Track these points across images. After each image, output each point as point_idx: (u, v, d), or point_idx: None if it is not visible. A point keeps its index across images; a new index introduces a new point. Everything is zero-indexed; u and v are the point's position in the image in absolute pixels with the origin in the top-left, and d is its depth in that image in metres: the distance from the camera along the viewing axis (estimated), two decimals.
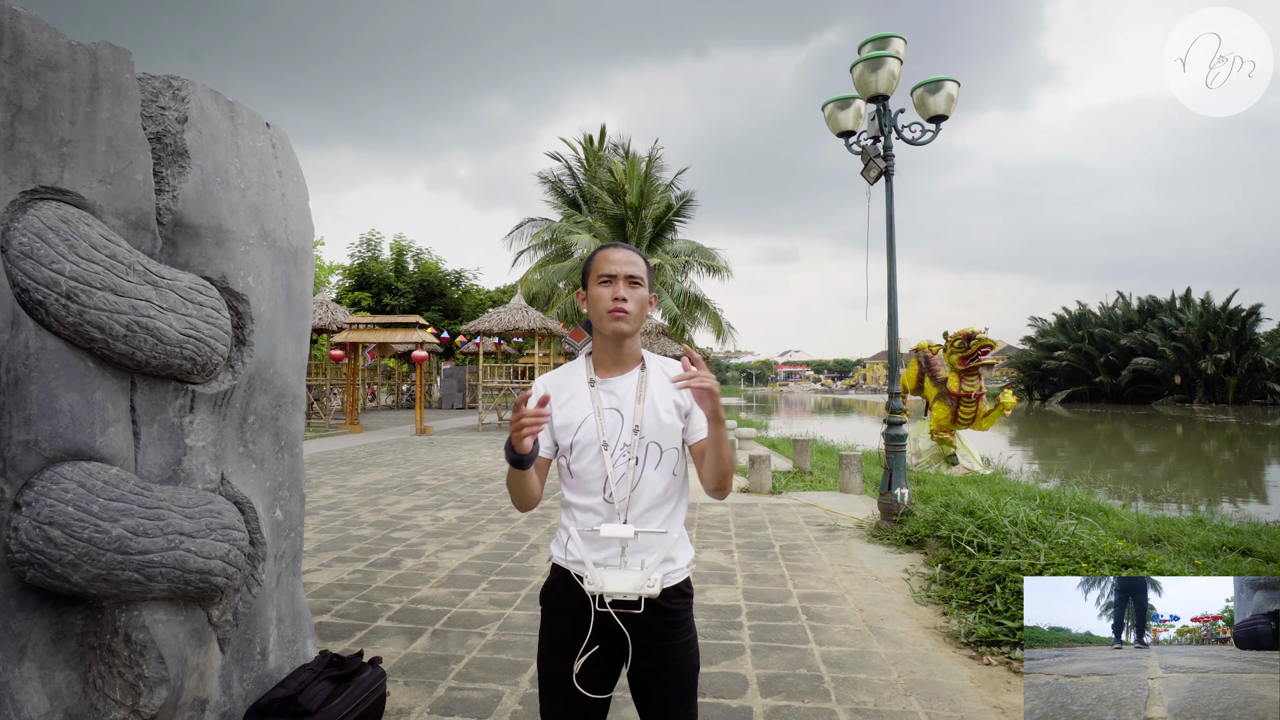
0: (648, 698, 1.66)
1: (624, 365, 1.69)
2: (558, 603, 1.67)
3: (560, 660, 1.63)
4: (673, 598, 1.65)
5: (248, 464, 2.38)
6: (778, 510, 7.33)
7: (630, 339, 1.67)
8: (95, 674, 1.96)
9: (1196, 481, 13.29)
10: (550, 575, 1.73)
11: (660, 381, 1.69)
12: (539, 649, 1.72)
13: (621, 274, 1.62)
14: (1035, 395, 50.15)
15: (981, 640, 3.58)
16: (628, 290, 1.62)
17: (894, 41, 6.36)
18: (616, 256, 1.64)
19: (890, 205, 6.44)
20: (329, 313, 17.52)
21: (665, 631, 1.64)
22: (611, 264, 1.63)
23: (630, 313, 1.62)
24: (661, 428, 1.64)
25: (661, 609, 1.62)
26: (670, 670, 1.63)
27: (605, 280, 1.62)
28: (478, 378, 20.92)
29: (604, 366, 1.70)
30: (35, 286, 1.76)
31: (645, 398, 1.65)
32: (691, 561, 1.73)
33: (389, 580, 4.71)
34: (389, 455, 12.40)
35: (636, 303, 1.63)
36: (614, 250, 1.66)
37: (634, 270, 1.63)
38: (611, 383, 1.68)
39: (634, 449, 1.63)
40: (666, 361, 1.73)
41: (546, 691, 1.68)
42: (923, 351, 11.34)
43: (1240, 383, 40.69)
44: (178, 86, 2.21)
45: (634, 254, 1.67)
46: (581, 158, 24.31)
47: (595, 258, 1.67)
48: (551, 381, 1.71)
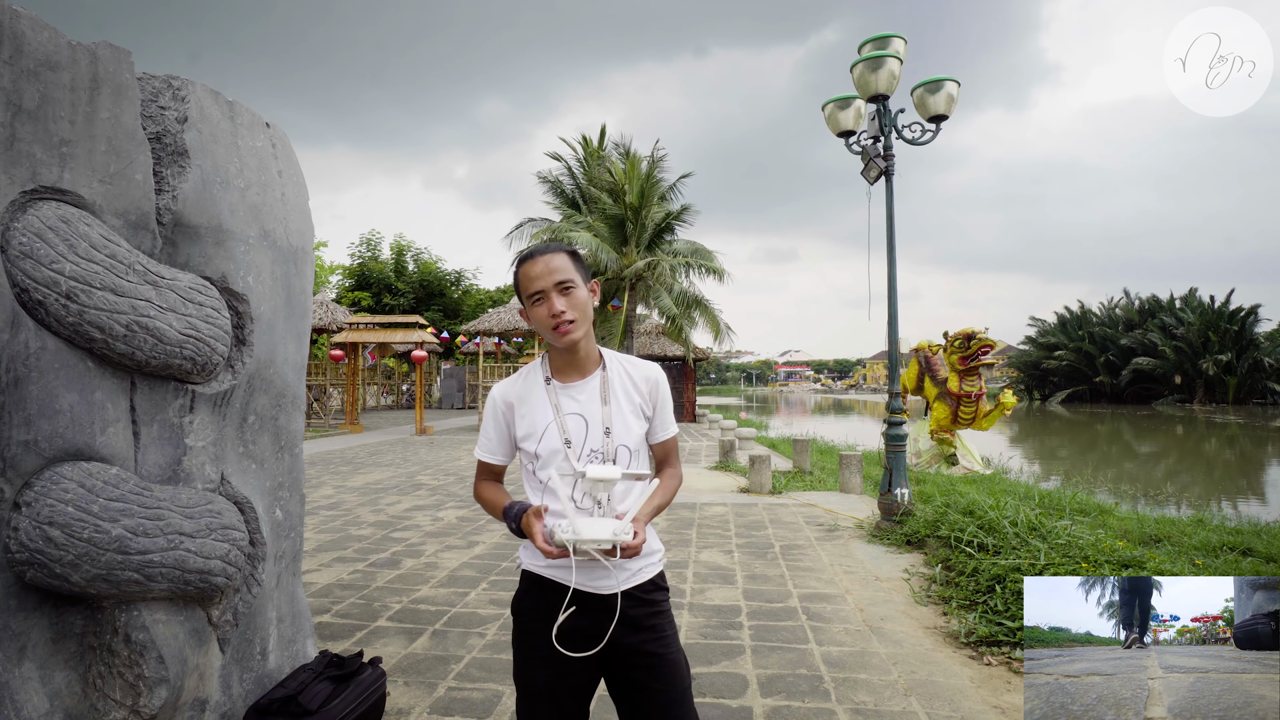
0: (643, 702, 1.57)
1: (584, 369, 1.64)
2: (530, 610, 1.61)
3: (538, 669, 1.57)
4: (650, 590, 1.62)
5: (248, 464, 2.38)
6: (778, 510, 7.33)
7: (585, 342, 1.62)
8: (95, 674, 1.96)
9: (1197, 481, 13.29)
10: (521, 584, 1.67)
11: (623, 382, 1.65)
12: (515, 662, 1.64)
13: (550, 286, 1.55)
14: (1035, 395, 50.16)
15: (981, 640, 3.58)
16: (563, 300, 1.55)
17: (894, 41, 6.36)
18: (537, 270, 1.56)
19: (890, 205, 6.44)
20: (329, 313, 17.53)
21: (657, 624, 1.61)
22: (536, 280, 1.55)
23: (575, 320, 1.56)
24: (629, 430, 1.61)
25: (645, 601, 1.60)
26: (666, 667, 1.58)
27: (537, 298, 1.56)
28: (478, 378, 20.91)
29: (563, 372, 1.64)
30: (35, 286, 1.76)
31: (612, 398, 1.62)
32: (662, 555, 1.70)
33: (389, 580, 4.71)
34: (389, 455, 12.41)
35: (576, 308, 1.56)
36: (532, 264, 1.57)
37: (560, 276, 1.55)
38: (573, 388, 1.63)
39: (604, 453, 1.59)
40: (629, 360, 1.70)
41: (526, 704, 1.61)
42: (923, 351, 11.34)
43: (1240, 383, 40.67)
44: (178, 86, 2.21)
45: (554, 256, 1.57)
46: (581, 158, 24.30)
47: (519, 276, 1.59)
48: (511, 391, 1.66)
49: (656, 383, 1.68)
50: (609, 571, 1.55)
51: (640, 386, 1.66)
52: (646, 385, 1.67)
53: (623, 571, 1.58)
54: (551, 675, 1.57)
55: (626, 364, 1.69)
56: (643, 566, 1.62)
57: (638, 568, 1.61)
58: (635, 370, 1.68)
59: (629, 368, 1.68)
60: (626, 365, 1.68)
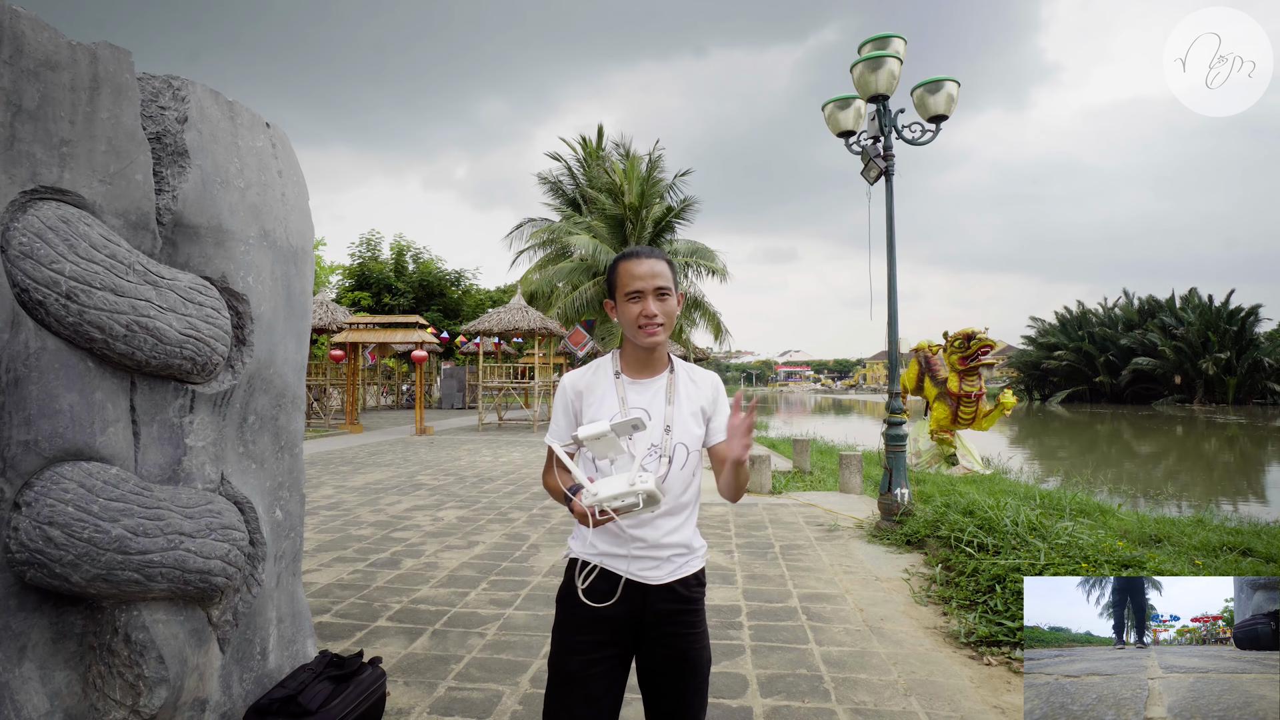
0: (662, 689, 1.68)
1: (653, 369, 1.73)
2: (573, 595, 1.67)
3: (574, 655, 1.66)
4: (691, 585, 1.70)
5: (248, 464, 2.38)
6: (778, 510, 7.33)
7: (662, 345, 1.71)
8: (95, 674, 1.96)
9: (1197, 481, 13.29)
10: (566, 573, 1.74)
11: (687, 386, 1.74)
12: (552, 648, 1.73)
13: (649, 289, 1.63)
14: (1035, 395, 50.14)
15: (981, 640, 3.58)
16: (657, 304, 1.64)
17: (894, 41, 6.36)
18: (641, 270, 1.65)
19: (890, 205, 6.44)
20: (329, 313, 17.52)
21: (686, 620, 1.68)
22: (638, 279, 1.64)
23: (663, 325, 1.65)
24: (688, 430, 1.69)
25: (682, 596, 1.68)
26: (690, 659, 1.68)
27: (634, 297, 1.65)
28: (478, 378, 20.92)
29: (632, 369, 1.73)
30: (35, 286, 1.76)
31: (675, 400, 1.70)
32: (705, 552, 1.77)
33: (389, 580, 4.71)
34: (389, 455, 12.40)
35: (667, 314, 1.66)
36: (637, 264, 1.65)
37: (661, 282, 1.64)
38: (640, 384, 1.72)
39: (663, 448, 1.67)
40: (693, 369, 1.79)
41: (556, 689, 1.68)
42: (923, 351, 11.34)
43: (1240, 383, 40.68)
44: (178, 86, 2.21)
45: (657, 262, 1.67)
46: (581, 158, 24.30)
47: (619, 271, 1.67)
48: (582, 381, 1.75)
49: (717, 387, 1.79)
50: (657, 563, 1.65)
51: (704, 391, 1.76)
52: (710, 390, 1.77)
53: (669, 564, 1.67)
54: (586, 660, 1.65)
55: (691, 370, 1.79)
56: (688, 560, 1.71)
57: (683, 561, 1.70)
58: (699, 376, 1.78)
59: (693, 374, 1.78)
60: (691, 371, 1.79)
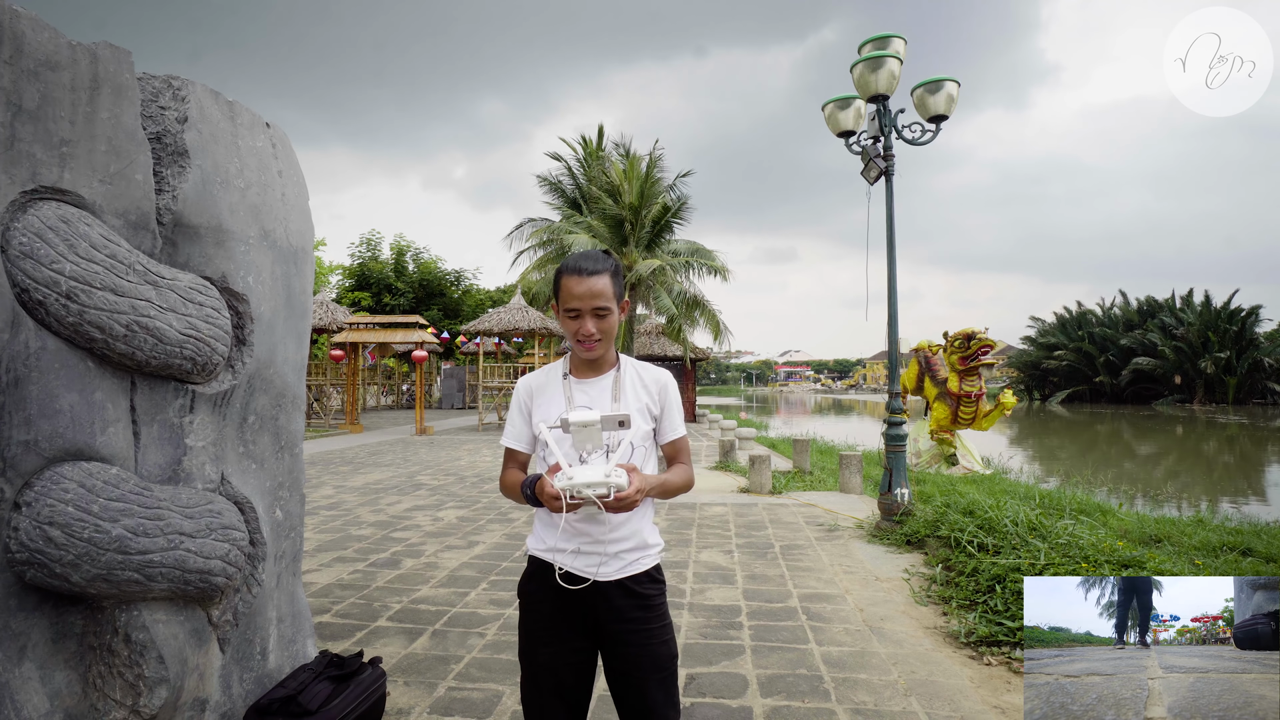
0: (627, 687, 1.70)
1: (599, 369, 1.77)
2: (536, 591, 1.73)
3: (541, 646, 1.70)
4: (644, 582, 1.71)
5: (248, 464, 2.38)
6: (778, 510, 7.33)
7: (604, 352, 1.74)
8: (95, 674, 1.96)
9: (1197, 481, 13.29)
10: (528, 567, 1.79)
11: (634, 383, 1.77)
12: (520, 643, 1.77)
13: (587, 309, 1.65)
14: (1035, 395, 50.15)
15: (981, 640, 3.58)
16: (595, 323, 1.67)
17: (894, 41, 6.35)
18: (580, 290, 1.64)
19: (890, 205, 6.44)
20: (329, 313, 17.52)
21: (641, 616, 1.69)
22: (575, 299, 1.65)
23: (600, 340, 1.68)
24: (635, 426, 1.71)
25: (634, 593, 1.69)
26: (649, 657, 1.69)
27: (573, 314, 1.67)
28: (478, 378, 20.91)
29: (579, 370, 1.78)
30: (35, 286, 1.76)
31: (621, 396, 1.73)
32: (661, 549, 1.79)
33: (389, 580, 4.71)
34: (389, 455, 12.40)
35: (605, 331, 1.69)
36: (578, 282, 1.65)
37: (599, 303, 1.65)
38: (587, 383, 1.75)
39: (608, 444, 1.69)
40: (643, 366, 1.81)
41: (530, 683, 1.73)
42: (923, 351, 11.34)
43: (1240, 383, 40.69)
44: (178, 86, 2.20)
45: (598, 279, 1.65)
46: (581, 158, 24.30)
47: (561, 284, 1.68)
48: (534, 383, 1.80)
49: (665, 386, 1.80)
50: (604, 559, 1.67)
51: (650, 388, 1.78)
52: (656, 387, 1.79)
53: (617, 560, 1.68)
54: (553, 652, 1.69)
55: (639, 368, 1.81)
56: (639, 558, 1.72)
57: (634, 558, 1.71)
58: (646, 374, 1.80)
59: (641, 371, 1.80)
60: (639, 369, 1.81)
